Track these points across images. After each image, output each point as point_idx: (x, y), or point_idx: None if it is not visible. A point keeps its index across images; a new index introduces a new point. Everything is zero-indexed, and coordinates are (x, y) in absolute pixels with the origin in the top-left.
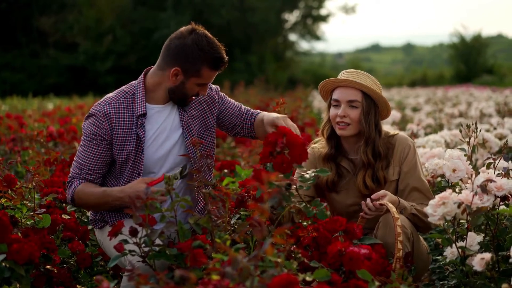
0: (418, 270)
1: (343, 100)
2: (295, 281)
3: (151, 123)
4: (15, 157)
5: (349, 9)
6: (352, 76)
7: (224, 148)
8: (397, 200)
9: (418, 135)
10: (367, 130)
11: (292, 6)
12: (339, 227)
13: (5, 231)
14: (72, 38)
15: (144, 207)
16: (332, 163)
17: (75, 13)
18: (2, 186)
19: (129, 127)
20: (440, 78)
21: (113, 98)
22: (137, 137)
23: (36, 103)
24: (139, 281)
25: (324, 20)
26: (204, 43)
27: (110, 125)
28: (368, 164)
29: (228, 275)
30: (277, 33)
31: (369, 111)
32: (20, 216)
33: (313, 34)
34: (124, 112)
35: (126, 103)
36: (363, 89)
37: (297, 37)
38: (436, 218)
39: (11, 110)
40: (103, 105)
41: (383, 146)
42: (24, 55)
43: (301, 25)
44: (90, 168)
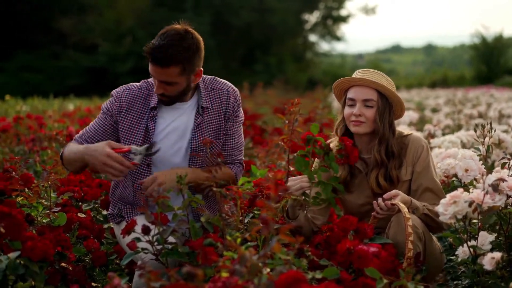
0: (431, 270)
1: (358, 99)
2: (302, 278)
3: (164, 118)
4: (34, 157)
5: (369, 10)
6: (367, 75)
7: None
8: (409, 200)
9: (435, 136)
10: (381, 129)
11: (312, 7)
12: (350, 227)
13: (20, 229)
14: (92, 39)
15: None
16: (347, 164)
17: (95, 14)
18: (19, 185)
19: (140, 116)
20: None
21: (135, 85)
22: (146, 128)
23: (57, 104)
24: (149, 278)
25: (344, 21)
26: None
27: (120, 107)
28: (381, 163)
29: (237, 272)
30: (297, 34)
31: (384, 110)
32: (36, 214)
33: (333, 35)
34: (138, 101)
35: (144, 93)
36: (378, 88)
37: (317, 38)
38: (447, 217)
39: (32, 110)
40: (122, 89)
41: (397, 146)
42: (45, 56)
43: (321, 26)
44: (89, 136)
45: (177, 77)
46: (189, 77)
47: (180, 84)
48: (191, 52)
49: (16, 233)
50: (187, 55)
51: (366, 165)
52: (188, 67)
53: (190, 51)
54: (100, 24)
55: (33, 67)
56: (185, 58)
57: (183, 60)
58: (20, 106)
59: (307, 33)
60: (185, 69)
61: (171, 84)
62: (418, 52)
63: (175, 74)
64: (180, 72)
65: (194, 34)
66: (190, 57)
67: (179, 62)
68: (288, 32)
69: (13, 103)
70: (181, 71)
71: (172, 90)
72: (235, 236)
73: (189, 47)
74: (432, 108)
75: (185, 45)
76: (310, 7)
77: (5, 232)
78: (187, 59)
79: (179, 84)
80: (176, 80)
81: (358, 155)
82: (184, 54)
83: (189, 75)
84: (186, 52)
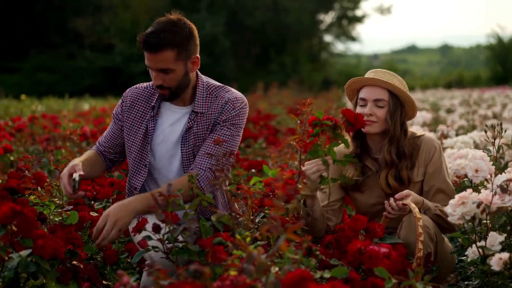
0: (442, 270)
1: (369, 99)
2: (309, 277)
3: (163, 120)
4: (48, 156)
5: (384, 10)
6: (379, 75)
7: (255, 149)
8: (421, 200)
9: (448, 136)
10: (392, 129)
11: (327, 7)
12: (360, 226)
13: (31, 227)
14: (108, 39)
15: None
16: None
17: (110, 15)
18: (32, 184)
19: (141, 116)
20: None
21: (142, 85)
22: (146, 129)
23: (72, 104)
24: (158, 276)
25: (360, 21)
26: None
27: (123, 107)
28: (391, 163)
29: (246, 271)
30: (312, 34)
31: (395, 110)
32: (49, 212)
33: (348, 35)
34: (141, 100)
35: (149, 93)
36: (390, 88)
37: (332, 38)
38: (456, 218)
39: (47, 110)
40: (129, 89)
41: (409, 146)
42: (60, 57)
43: (336, 26)
44: (104, 141)
45: (173, 63)
46: (185, 63)
47: (178, 71)
48: (184, 37)
49: (28, 231)
50: (180, 39)
51: (378, 165)
52: (182, 52)
53: (183, 36)
54: (115, 25)
55: (49, 67)
56: (178, 42)
57: (176, 44)
58: (36, 106)
59: (322, 33)
60: (180, 54)
61: (167, 71)
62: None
63: (170, 59)
64: (175, 56)
65: (187, 21)
66: (183, 41)
67: (173, 46)
68: (303, 32)
69: (28, 103)
70: (176, 55)
71: (171, 80)
72: (245, 235)
73: (181, 31)
74: (447, 108)
75: (177, 29)
76: (325, 7)
77: (17, 230)
78: (181, 44)
79: (176, 72)
80: (172, 66)
81: (363, 120)
82: (177, 38)
83: (185, 61)
84: (178, 36)
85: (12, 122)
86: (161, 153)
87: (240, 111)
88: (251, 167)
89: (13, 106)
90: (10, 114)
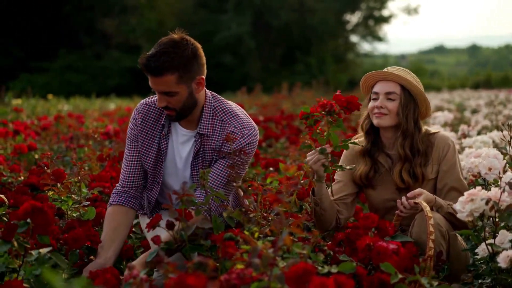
0: (456, 269)
1: (381, 92)
2: (312, 270)
3: (173, 139)
4: (71, 154)
5: (411, 10)
6: (392, 70)
7: (276, 148)
8: (434, 198)
9: (468, 136)
10: (404, 122)
11: (353, 7)
12: (371, 224)
13: (48, 224)
14: (135, 40)
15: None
16: (368, 157)
17: (137, 15)
18: (51, 180)
19: (152, 134)
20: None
21: (151, 100)
22: (159, 147)
23: (98, 103)
24: (167, 269)
25: (386, 21)
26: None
27: (137, 126)
28: (405, 158)
29: (253, 265)
30: (337, 35)
31: (407, 104)
32: (66, 208)
33: (375, 35)
34: (152, 117)
35: (158, 109)
36: (401, 82)
37: (358, 39)
38: (464, 215)
39: (74, 110)
40: (139, 105)
41: (423, 143)
42: (88, 57)
43: (362, 27)
44: (129, 178)
45: (175, 86)
46: (189, 85)
47: (181, 93)
48: (186, 58)
49: (46, 228)
50: (182, 61)
51: (391, 161)
52: (185, 74)
53: (184, 57)
54: (142, 25)
55: (77, 68)
56: (179, 65)
57: (177, 67)
58: (62, 105)
59: (348, 33)
60: (182, 77)
61: (171, 94)
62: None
63: (173, 83)
64: (177, 80)
65: (190, 40)
66: (185, 63)
67: (174, 69)
68: (328, 32)
69: (55, 103)
70: (178, 78)
71: (175, 102)
72: (254, 230)
73: (183, 53)
74: (473, 109)
75: (178, 51)
76: (352, 8)
77: (35, 227)
78: (183, 66)
79: (179, 94)
80: (175, 89)
81: (357, 101)
82: (178, 61)
83: (188, 83)
84: (180, 58)
85: (38, 121)
86: (171, 171)
87: (250, 139)
88: (268, 165)
89: (40, 105)
90: (36, 113)
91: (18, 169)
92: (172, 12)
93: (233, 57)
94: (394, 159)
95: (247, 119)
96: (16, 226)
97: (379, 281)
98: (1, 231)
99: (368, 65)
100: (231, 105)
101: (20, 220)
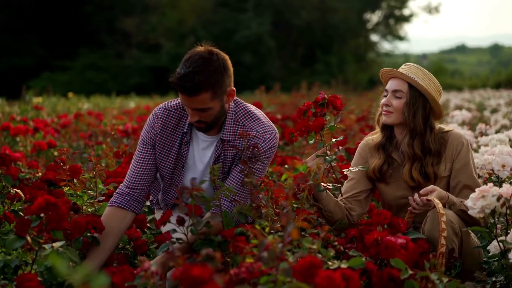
0: (468, 266)
1: (389, 90)
2: (319, 264)
3: (194, 145)
4: (89, 151)
5: (432, 9)
6: (404, 68)
7: (294, 147)
8: (446, 195)
9: (486, 135)
10: (410, 120)
11: (374, 6)
12: (384, 221)
13: (62, 219)
14: (155, 39)
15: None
16: (382, 152)
17: (158, 14)
18: (66, 175)
19: (172, 140)
20: None
21: (170, 104)
22: (178, 153)
23: (118, 102)
24: (178, 262)
25: (407, 20)
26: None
27: (156, 130)
28: (414, 157)
29: (262, 258)
30: (358, 34)
31: (413, 103)
32: (82, 203)
33: (396, 34)
34: (172, 123)
35: (180, 114)
36: (408, 80)
37: (379, 38)
38: (476, 211)
39: (94, 108)
40: (158, 109)
41: (436, 142)
42: (109, 56)
43: (383, 26)
44: (136, 179)
45: (210, 102)
46: (221, 99)
47: (214, 108)
48: (219, 74)
49: (59, 223)
50: (215, 78)
51: (403, 157)
52: (218, 90)
53: (217, 74)
54: (162, 24)
55: (97, 66)
56: (214, 82)
57: (212, 85)
58: (82, 103)
59: (369, 32)
60: (216, 93)
61: (205, 110)
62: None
63: (207, 100)
64: (211, 97)
65: (219, 54)
66: (219, 79)
67: (208, 88)
68: (349, 31)
69: (75, 101)
70: (212, 95)
71: (208, 116)
72: (264, 225)
73: (215, 70)
74: (493, 108)
75: (211, 69)
76: (372, 7)
77: (49, 222)
78: (217, 83)
79: (213, 109)
80: (209, 106)
81: (338, 101)
82: (212, 78)
83: (221, 97)
84: (213, 75)
85: (58, 119)
86: (191, 176)
87: (271, 143)
88: (283, 163)
89: (60, 104)
90: (57, 112)
91: (36, 165)
92: (193, 11)
93: (252, 56)
94: (405, 156)
95: (268, 122)
96: (30, 222)
97: (389, 276)
98: (15, 225)
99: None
100: (251, 108)
101: (34, 215)
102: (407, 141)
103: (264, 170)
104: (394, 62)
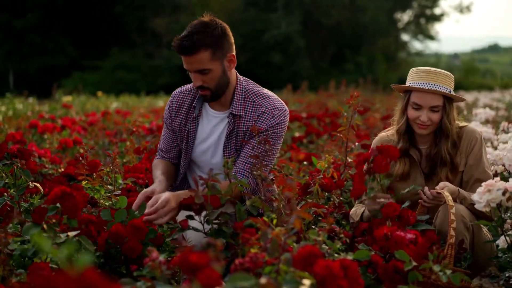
0: (480, 260)
1: (425, 106)
2: (318, 253)
3: (203, 124)
4: (113, 148)
5: (464, 8)
6: (432, 78)
7: (318, 145)
8: (457, 190)
9: (507, 132)
10: (448, 127)
11: (405, 5)
12: (393, 213)
13: (77, 208)
14: None
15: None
16: (406, 157)
17: (188, 14)
18: (85, 170)
19: (186, 119)
20: None
21: (186, 87)
22: (189, 131)
23: (147, 101)
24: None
25: (438, 20)
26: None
27: (171, 112)
28: (451, 162)
29: (268, 249)
30: (388, 33)
31: (450, 112)
32: (99, 197)
33: (426, 34)
34: (187, 104)
35: (193, 96)
36: (444, 95)
37: (410, 37)
38: (482, 205)
39: (122, 107)
40: (173, 94)
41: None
42: (139, 56)
43: (414, 25)
44: (162, 148)
45: (209, 63)
46: (221, 62)
47: (215, 70)
48: (217, 36)
49: (74, 212)
50: (213, 39)
51: (420, 155)
52: (217, 51)
53: (215, 35)
54: None
55: (128, 66)
56: (211, 42)
57: (210, 44)
58: (111, 102)
59: (399, 32)
60: (214, 53)
61: (205, 71)
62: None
63: (206, 59)
64: (210, 56)
65: (218, 21)
66: (217, 40)
67: (207, 46)
68: (379, 31)
69: (104, 100)
70: (211, 55)
71: (210, 79)
72: (272, 217)
73: (214, 32)
74: None
75: (209, 30)
76: (403, 6)
77: (64, 210)
78: (214, 43)
79: (213, 71)
80: (209, 66)
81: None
82: (210, 38)
83: (221, 60)
84: (211, 36)
85: (86, 117)
86: (203, 151)
87: (280, 119)
88: (307, 159)
89: (90, 103)
90: (86, 110)
91: (58, 161)
92: (222, 11)
93: (282, 55)
94: (424, 154)
95: (278, 100)
96: (46, 210)
97: (394, 268)
98: (32, 214)
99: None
100: (262, 89)
101: (50, 204)
102: (447, 146)
103: (275, 147)
104: (425, 61)
